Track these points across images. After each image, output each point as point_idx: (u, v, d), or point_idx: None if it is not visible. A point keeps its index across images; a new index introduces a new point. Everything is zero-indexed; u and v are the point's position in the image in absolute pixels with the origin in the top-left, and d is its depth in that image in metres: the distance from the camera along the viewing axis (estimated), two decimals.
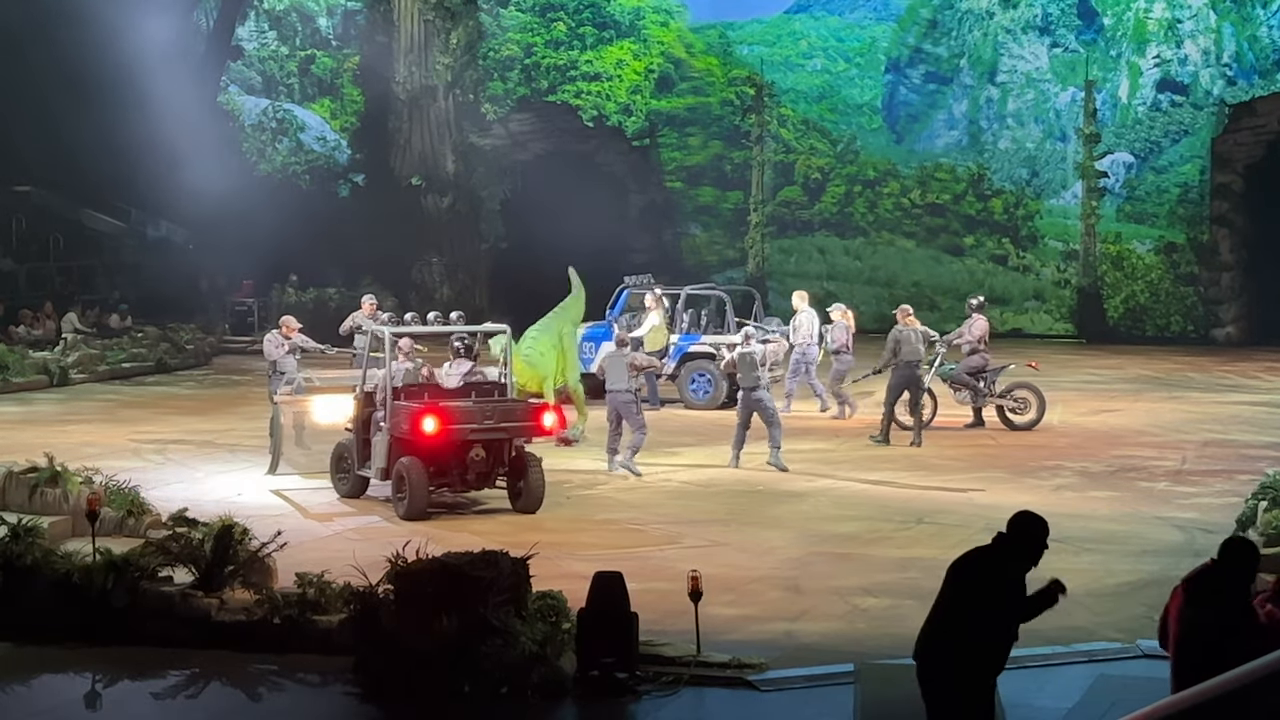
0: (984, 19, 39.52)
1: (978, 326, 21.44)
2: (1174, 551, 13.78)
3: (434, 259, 39.29)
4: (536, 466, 15.80)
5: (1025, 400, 21.33)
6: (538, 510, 15.64)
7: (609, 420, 18.26)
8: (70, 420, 22.65)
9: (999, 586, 7.43)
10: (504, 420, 15.68)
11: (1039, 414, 21.23)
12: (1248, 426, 21.88)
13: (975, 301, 22.07)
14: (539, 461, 15.93)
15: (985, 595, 7.44)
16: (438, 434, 15.30)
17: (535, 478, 15.72)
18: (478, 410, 15.64)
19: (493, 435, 15.62)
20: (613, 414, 18.17)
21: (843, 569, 13.12)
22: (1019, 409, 21.26)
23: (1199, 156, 37.32)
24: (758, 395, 18.11)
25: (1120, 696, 9.54)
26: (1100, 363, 31.11)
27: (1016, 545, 7.62)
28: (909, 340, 19.98)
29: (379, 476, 16.01)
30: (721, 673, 10.16)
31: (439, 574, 10.16)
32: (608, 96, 41.08)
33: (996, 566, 7.52)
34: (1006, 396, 21.35)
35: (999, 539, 7.65)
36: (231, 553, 11.33)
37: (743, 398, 18.35)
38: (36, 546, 11.61)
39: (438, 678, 9.83)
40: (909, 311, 20.61)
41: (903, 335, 20.02)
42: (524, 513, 15.57)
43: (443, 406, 15.57)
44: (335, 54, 41.41)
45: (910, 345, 19.94)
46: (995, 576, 7.48)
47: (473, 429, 15.46)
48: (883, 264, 39.98)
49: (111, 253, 37.19)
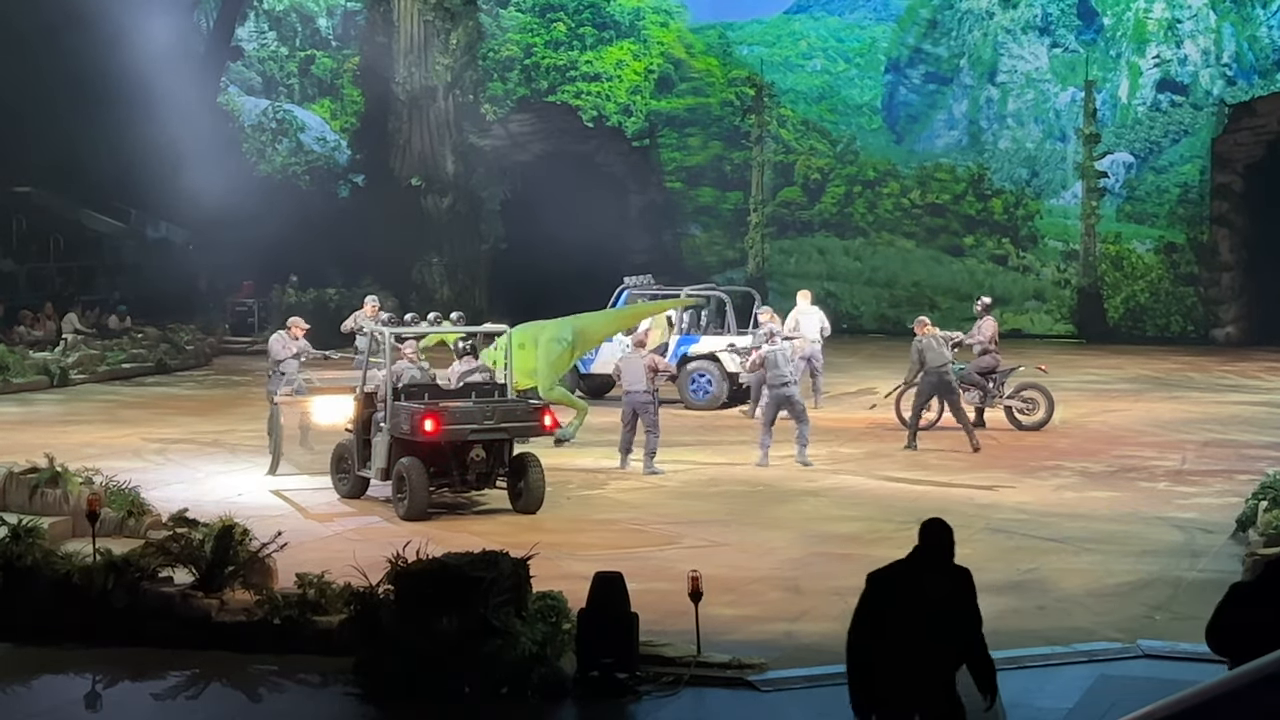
0: (984, 19, 39.50)
1: (988, 327, 21.51)
2: (1174, 552, 13.79)
3: (434, 259, 39.28)
4: (537, 466, 15.80)
5: (1034, 401, 21.41)
6: (538, 510, 15.63)
7: (623, 420, 18.31)
8: (70, 421, 22.65)
9: (918, 597, 7.30)
10: (504, 420, 15.67)
11: (1048, 414, 21.31)
12: (1248, 426, 21.88)
13: (984, 302, 22.16)
14: (539, 462, 15.93)
15: (908, 606, 7.31)
16: (437, 434, 15.27)
17: (535, 478, 15.71)
18: (478, 411, 15.61)
19: (493, 436, 15.62)
20: (628, 414, 18.21)
21: (843, 569, 13.11)
22: (1028, 410, 21.37)
23: (1199, 156, 37.30)
24: (787, 392, 18.38)
25: (1120, 697, 9.54)
26: (1100, 363, 31.10)
27: (928, 555, 7.46)
28: (932, 348, 19.99)
29: (379, 477, 16.01)
30: (722, 673, 10.17)
31: (439, 574, 10.17)
32: (607, 97, 41.08)
33: (913, 578, 7.38)
34: (1015, 397, 21.45)
35: (914, 550, 7.49)
36: (232, 553, 11.33)
37: (771, 395, 18.64)
38: (37, 547, 11.62)
39: (438, 678, 9.84)
40: (926, 323, 20.63)
41: (925, 344, 20.04)
42: (524, 513, 15.58)
43: (442, 407, 15.53)
44: (335, 54, 41.41)
45: (935, 352, 19.95)
46: (914, 588, 7.34)
47: (472, 429, 15.44)
48: (883, 264, 39.96)
49: (111, 253, 37.19)
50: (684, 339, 24.17)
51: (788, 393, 18.40)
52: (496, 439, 15.72)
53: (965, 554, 13.53)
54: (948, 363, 20.04)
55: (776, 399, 18.53)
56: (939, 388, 20.02)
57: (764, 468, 18.35)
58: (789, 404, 18.47)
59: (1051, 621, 11.50)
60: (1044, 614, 11.75)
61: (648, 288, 25.43)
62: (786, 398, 18.42)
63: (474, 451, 15.65)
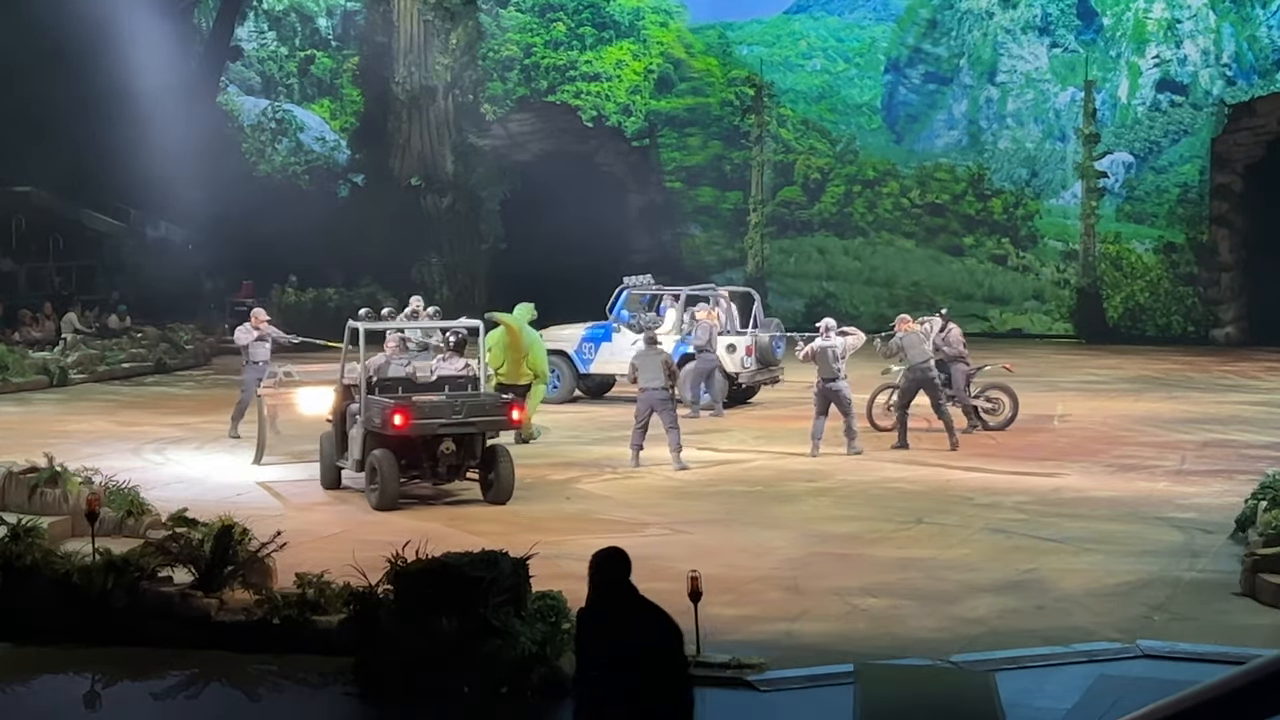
0: (983, 19, 39.51)
1: (955, 332, 21.57)
2: (1174, 552, 13.79)
3: (433, 259, 39.28)
4: (506, 459, 16.19)
5: (999, 401, 21.42)
6: (508, 501, 16.02)
7: (637, 417, 18.46)
8: (70, 420, 22.65)
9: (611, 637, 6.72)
10: (472, 415, 16.03)
11: (1013, 414, 21.30)
12: (1247, 426, 21.88)
13: (943, 312, 22.25)
14: (509, 454, 16.33)
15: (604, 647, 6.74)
16: (406, 429, 15.65)
17: (505, 469, 16.10)
18: (446, 405, 16.00)
19: (460, 430, 15.98)
20: (644, 411, 18.34)
21: (842, 569, 13.12)
22: (994, 409, 21.40)
23: (1198, 156, 37.32)
24: (836, 386, 19.00)
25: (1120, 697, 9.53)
26: (1100, 363, 31.09)
27: (605, 593, 6.98)
28: (914, 344, 20.00)
29: (354, 468, 16.45)
30: (721, 673, 10.16)
31: (439, 574, 10.16)
32: (607, 97, 41.09)
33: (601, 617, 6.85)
34: (980, 397, 21.51)
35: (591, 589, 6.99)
36: (231, 553, 11.33)
37: (821, 389, 19.12)
38: (36, 547, 11.61)
39: (437, 678, 9.83)
40: (908, 319, 20.64)
41: (907, 340, 20.04)
42: (494, 503, 15.98)
43: (411, 402, 15.90)
44: (335, 54, 41.42)
45: (917, 349, 19.96)
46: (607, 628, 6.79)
47: (440, 424, 15.83)
48: (882, 264, 39.98)
49: (111, 253, 37.17)
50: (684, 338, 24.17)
51: (835, 387, 18.99)
52: (464, 433, 16.03)
53: (964, 554, 13.66)
54: (930, 358, 20.07)
55: (824, 392, 19.06)
56: (923, 384, 20.03)
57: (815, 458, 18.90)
58: (837, 397, 19.00)
59: (1051, 621, 11.50)
60: (1043, 614, 11.74)
61: (647, 288, 25.44)
62: (835, 391, 18.99)
63: (444, 444, 15.97)
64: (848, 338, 19.69)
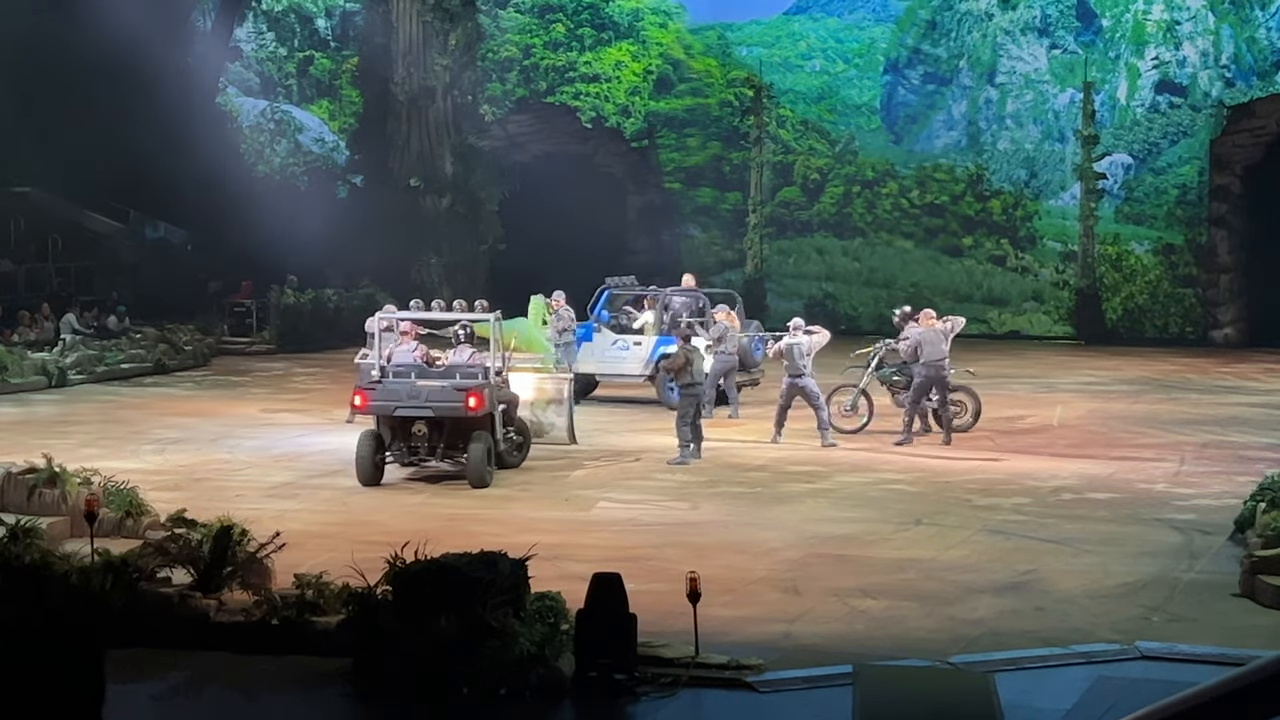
0: (983, 20, 39.51)
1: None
2: (1172, 553, 13.79)
3: (432, 260, 39.27)
4: (480, 444, 17.06)
5: (961, 404, 21.22)
6: (479, 485, 16.93)
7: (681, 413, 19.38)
8: (69, 421, 22.64)
9: None
10: (430, 400, 17.19)
11: (974, 417, 21.12)
12: (1246, 428, 21.89)
13: (906, 310, 21.92)
14: (485, 439, 17.20)
15: None
16: (364, 409, 17.70)
17: (476, 454, 16.99)
18: (403, 389, 17.30)
19: (414, 413, 17.20)
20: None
21: (841, 570, 13.12)
22: (956, 412, 21.22)
23: (1197, 158, 37.32)
24: (802, 382, 20.09)
25: (1119, 698, 9.54)
26: (1099, 364, 31.10)
27: None
28: (931, 340, 20.06)
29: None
30: (720, 674, 10.16)
31: (437, 575, 10.16)
32: (606, 98, 41.09)
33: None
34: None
35: None
36: (230, 554, 11.32)
37: (788, 384, 20.19)
38: (35, 547, 11.60)
39: (436, 679, 9.83)
40: (932, 315, 20.68)
41: (925, 336, 20.14)
42: (475, 486, 16.92)
43: (365, 387, 17.54)
44: (334, 55, 41.39)
45: (934, 345, 20.03)
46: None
47: (396, 406, 17.23)
48: (881, 265, 39.97)
49: (110, 254, 37.13)
50: (662, 339, 24.14)
51: (802, 383, 20.05)
52: (420, 416, 17.20)
53: (963, 555, 13.67)
54: (945, 356, 20.09)
55: (792, 388, 20.09)
56: (935, 381, 20.10)
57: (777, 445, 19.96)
58: (804, 392, 20.06)
59: (1050, 623, 11.50)
60: (1042, 615, 11.75)
61: (630, 288, 25.55)
62: (802, 387, 20.06)
63: (415, 426, 17.26)
64: (813, 336, 20.43)
